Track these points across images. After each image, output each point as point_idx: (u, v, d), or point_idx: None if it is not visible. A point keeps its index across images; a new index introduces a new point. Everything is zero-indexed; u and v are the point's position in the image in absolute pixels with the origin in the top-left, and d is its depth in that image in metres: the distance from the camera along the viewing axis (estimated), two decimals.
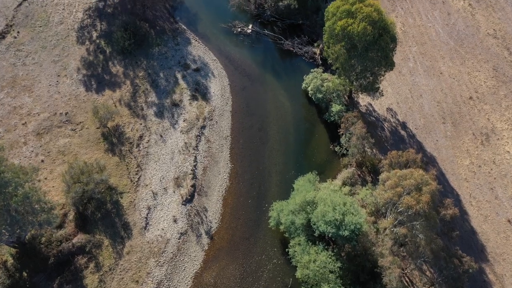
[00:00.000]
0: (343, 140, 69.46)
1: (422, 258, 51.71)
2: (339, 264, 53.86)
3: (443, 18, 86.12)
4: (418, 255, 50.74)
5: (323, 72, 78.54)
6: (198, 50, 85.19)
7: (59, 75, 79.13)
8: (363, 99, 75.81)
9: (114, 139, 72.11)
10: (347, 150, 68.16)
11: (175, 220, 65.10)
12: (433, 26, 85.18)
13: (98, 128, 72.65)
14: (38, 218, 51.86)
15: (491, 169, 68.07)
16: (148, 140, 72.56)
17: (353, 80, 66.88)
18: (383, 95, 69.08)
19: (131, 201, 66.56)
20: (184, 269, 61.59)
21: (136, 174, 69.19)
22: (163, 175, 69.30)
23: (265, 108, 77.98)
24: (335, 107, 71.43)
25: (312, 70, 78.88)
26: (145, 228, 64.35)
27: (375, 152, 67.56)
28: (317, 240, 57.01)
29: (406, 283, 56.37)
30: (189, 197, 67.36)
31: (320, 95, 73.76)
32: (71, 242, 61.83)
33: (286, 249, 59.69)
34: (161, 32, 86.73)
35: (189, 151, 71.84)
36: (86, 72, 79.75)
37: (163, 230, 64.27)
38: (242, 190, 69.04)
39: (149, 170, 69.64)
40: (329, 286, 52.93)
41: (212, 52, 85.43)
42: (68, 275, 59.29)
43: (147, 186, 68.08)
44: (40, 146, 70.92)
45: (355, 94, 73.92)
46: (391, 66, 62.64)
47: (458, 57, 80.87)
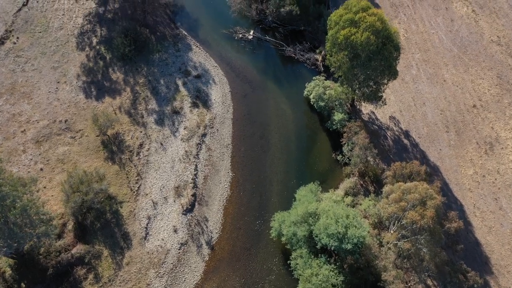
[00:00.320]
0: (345, 149, 68.71)
1: (426, 273, 50.92)
2: (341, 277, 53.07)
3: (446, 25, 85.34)
4: (422, 269, 49.95)
5: (325, 79, 77.77)
6: (199, 56, 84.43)
7: (58, 82, 78.39)
8: (366, 107, 75.01)
9: (114, 147, 71.37)
10: (350, 159, 67.40)
11: (175, 230, 64.34)
12: (436, 32, 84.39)
13: (97, 136, 71.88)
14: (36, 231, 51.09)
15: (495, 179, 67.27)
16: (148, 148, 71.81)
17: (355, 89, 66.10)
18: (386, 103, 68.32)
19: (131, 210, 65.80)
20: (184, 280, 60.82)
21: (136, 183, 68.43)
22: (164, 184, 68.54)
23: (266, 115, 77.20)
24: (337, 116, 70.64)
25: (314, 77, 78.13)
26: (145, 238, 63.59)
27: (377, 161, 66.72)
28: (319, 252, 56.22)
29: None
30: (189, 206, 66.59)
31: (322, 103, 72.97)
32: (70, 252, 61.11)
33: (288, 261, 58.96)
34: (161, 38, 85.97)
35: (189, 159, 71.08)
36: (86, 78, 79.00)
37: (163, 240, 63.51)
38: (243, 199, 68.26)
39: (149, 179, 68.87)
40: None
41: (213, 58, 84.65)
42: (67, 287, 58.54)
43: (147, 195, 67.32)
44: (39, 154, 70.17)
45: (357, 102, 73.13)
46: (394, 75, 61.87)
47: (461, 64, 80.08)
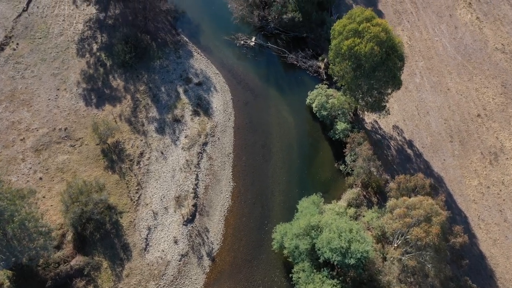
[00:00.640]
0: (348, 159, 67.88)
1: None
2: None
3: (450, 32, 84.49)
4: (427, 285, 49.08)
5: (328, 87, 76.94)
6: (200, 63, 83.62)
7: (58, 89, 77.62)
8: (369, 116, 74.14)
9: (114, 156, 70.58)
10: (352, 169, 66.57)
11: (175, 241, 63.52)
12: (440, 40, 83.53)
13: (97, 145, 71.09)
14: (34, 244, 50.34)
15: (500, 190, 66.43)
16: (149, 157, 71.01)
17: (358, 98, 65.28)
18: (389, 113, 67.47)
19: (131, 221, 65.01)
20: None
21: (136, 192, 67.64)
22: (164, 193, 67.73)
23: (268, 124, 76.38)
24: (340, 125, 69.81)
25: (316, 86, 77.28)
26: (145, 249, 62.78)
27: (381, 172, 65.86)
28: (322, 266, 55.37)
29: None
30: (190, 217, 65.79)
31: (324, 112, 72.13)
32: (69, 264, 60.30)
33: (290, 274, 58.11)
34: (162, 44, 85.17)
35: (190, 168, 70.27)
36: (86, 86, 78.22)
37: (163, 251, 62.70)
38: (244, 210, 67.45)
39: (149, 188, 68.08)
40: None
41: (214, 65, 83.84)
42: None
43: (147, 205, 66.52)
44: (39, 163, 69.41)
45: (360, 111, 72.28)
46: (398, 85, 61.08)
47: (465, 72, 79.22)
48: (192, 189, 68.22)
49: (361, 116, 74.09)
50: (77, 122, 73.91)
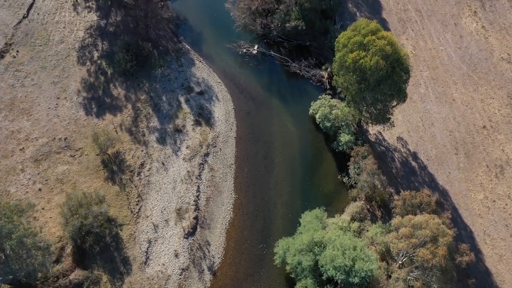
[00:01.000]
0: (351, 171, 66.90)
1: None
2: None
3: (455, 41, 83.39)
4: None
5: (331, 97, 75.90)
6: (202, 71, 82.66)
7: (58, 98, 76.72)
8: (373, 128, 73.05)
9: (114, 167, 69.66)
10: (356, 182, 65.58)
11: (176, 255, 62.59)
12: (445, 49, 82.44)
13: (98, 155, 70.16)
14: (33, 261, 49.47)
15: (506, 204, 65.36)
16: (150, 168, 70.09)
17: (362, 110, 64.29)
18: (394, 125, 66.39)
19: (131, 233, 64.10)
20: None
21: (137, 204, 66.73)
22: (165, 205, 66.81)
23: (270, 134, 75.39)
24: (344, 137, 68.79)
25: (320, 96, 76.23)
26: (145, 263, 61.87)
27: (385, 185, 64.76)
28: (325, 283, 54.38)
29: None
30: (191, 230, 64.86)
31: (328, 123, 71.12)
32: (68, 278, 59.46)
33: None
34: (164, 52, 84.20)
35: (191, 180, 69.33)
36: (87, 94, 77.32)
37: (163, 265, 61.77)
38: (246, 222, 66.50)
39: (150, 200, 67.16)
40: None
41: (216, 73, 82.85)
42: None
43: (147, 217, 65.60)
44: (38, 174, 68.52)
45: (364, 123, 71.24)
46: (404, 98, 60.07)
47: (471, 83, 78.14)
48: (193, 201, 67.30)
49: (365, 127, 73.05)
50: (77, 131, 73.03)
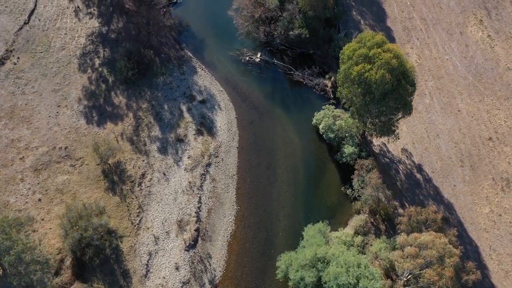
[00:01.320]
0: (355, 183, 65.97)
1: None
2: None
3: (460, 50, 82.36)
4: None
5: (335, 107, 75.00)
6: (205, 80, 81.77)
7: (59, 106, 75.93)
8: (377, 139, 72.07)
9: (115, 177, 68.81)
10: (360, 196, 64.63)
11: (177, 268, 61.70)
12: (450, 58, 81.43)
13: (98, 165, 69.32)
14: (32, 276, 48.67)
15: None
16: (151, 179, 69.23)
17: (367, 122, 63.36)
18: (399, 138, 65.43)
19: (131, 245, 63.24)
20: None
21: (137, 215, 65.87)
22: (166, 217, 65.94)
23: (273, 144, 74.46)
24: (348, 149, 67.85)
25: (323, 106, 75.27)
26: (145, 276, 61.00)
27: (389, 198, 63.74)
28: None
29: None
30: (192, 242, 63.97)
31: (332, 134, 70.19)
32: None
33: None
34: (166, 60, 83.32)
35: (193, 191, 68.45)
36: (88, 103, 76.49)
37: (164, 278, 60.89)
38: (248, 235, 65.58)
39: (151, 211, 66.30)
40: None
41: (218, 82, 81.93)
42: None
43: (148, 229, 64.72)
44: (38, 183, 67.72)
45: (368, 134, 70.27)
46: (409, 112, 59.13)
47: (476, 93, 77.12)
48: (195, 212, 66.42)
49: (369, 138, 72.08)
50: (77, 140, 72.19)
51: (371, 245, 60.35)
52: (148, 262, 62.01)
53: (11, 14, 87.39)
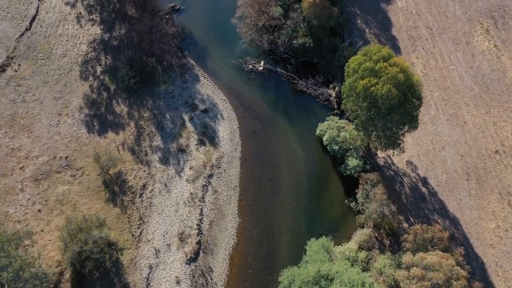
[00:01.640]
0: (359, 197, 64.94)
1: None
2: None
3: (467, 60, 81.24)
4: None
5: (339, 118, 73.99)
6: (207, 88, 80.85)
7: (60, 114, 75.13)
8: (382, 152, 70.97)
9: (115, 188, 67.95)
10: (364, 210, 63.59)
11: (178, 282, 60.80)
12: (456, 69, 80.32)
13: (99, 175, 68.49)
14: None
15: None
16: (152, 190, 68.35)
17: (372, 135, 62.33)
18: (404, 151, 64.37)
19: (131, 258, 62.37)
20: None
21: (138, 227, 65.00)
22: (167, 229, 65.04)
23: (276, 155, 73.49)
24: (352, 161, 66.82)
25: (327, 117, 74.28)
26: None
27: (394, 213, 62.65)
28: None
29: None
30: (193, 255, 63.06)
31: (336, 146, 69.18)
32: None
33: None
34: (168, 68, 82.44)
35: (194, 203, 67.54)
36: (89, 111, 75.67)
37: None
38: (250, 248, 64.64)
39: (152, 223, 65.41)
40: None
41: (221, 90, 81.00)
42: None
43: (149, 241, 63.83)
44: (38, 194, 66.93)
45: (373, 146, 69.21)
46: (415, 126, 58.10)
47: (483, 104, 76.02)
48: (196, 225, 65.51)
49: (373, 150, 71.02)
50: (78, 150, 71.37)
51: (375, 260, 59.31)
52: (148, 275, 61.14)
53: (12, 20, 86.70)
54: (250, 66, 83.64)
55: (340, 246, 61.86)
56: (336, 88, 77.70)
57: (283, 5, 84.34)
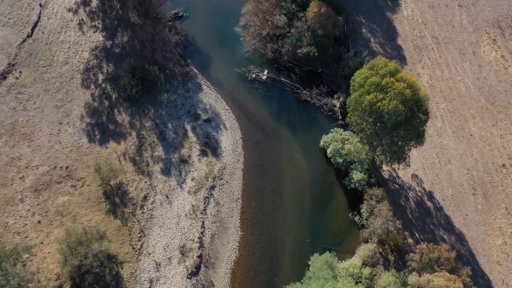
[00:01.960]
0: (364, 212, 63.94)
1: None
2: None
3: (473, 71, 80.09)
4: None
5: (343, 130, 72.94)
6: (210, 97, 79.88)
7: (61, 123, 74.26)
8: (387, 165, 69.84)
9: (116, 199, 67.06)
10: (368, 225, 62.56)
11: None
12: (462, 80, 79.19)
13: (100, 186, 67.59)
14: None
15: None
16: (153, 201, 67.43)
17: (377, 150, 61.29)
18: (409, 165, 63.28)
19: (132, 272, 61.45)
20: None
21: (139, 240, 64.09)
22: (168, 242, 64.11)
23: (279, 166, 72.48)
24: (357, 175, 65.77)
25: (331, 129, 73.19)
26: None
27: (399, 229, 61.59)
28: None
29: None
30: (194, 269, 62.09)
31: (340, 159, 68.12)
32: None
33: None
34: (171, 76, 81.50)
35: (196, 215, 66.59)
36: (90, 120, 74.79)
37: None
38: (252, 262, 63.66)
39: (152, 236, 64.49)
40: None
41: (224, 100, 79.99)
42: None
43: (149, 254, 62.91)
44: (38, 205, 66.06)
45: (377, 159, 68.18)
46: (422, 142, 57.03)
47: (489, 116, 74.88)
48: (198, 238, 64.53)
49: (378, 163, 69.95)
50: (79, 160, 70.50)
51: (380, 277, 58.27)
52: None
53: (14, 26, 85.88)
54: (254, 75, 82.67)
55: (343, 262, 60.83)
56: (341, 99, 76.69)
57: (287, 13, 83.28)
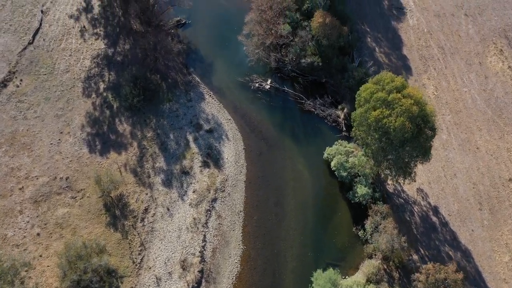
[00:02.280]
0: (368, 227, 62.85)
1: None
2: None
3: (480, 82, 78.94)
4: None
5: (348, 142, 71.85)
6: (212, 107, 78.87)
7: (61, 132, 73.35)
8: (392, 181, 68.70)
9: (117, 211, 66.10)
10: (373, 241, 61.47)
11: None
12: (469, 91, 78.02)
13: (100, 197, 66.62)
14: None
15: None
16: (154, 214, 66.43)
17: (382, 166, 60.20)
18: (415, 180, 62.19)
19: (132, 287, 60.41)
20: None
21: (139, 254, 63.09)
22: (169, 256, 63.10)
23: (282, 178, 71.43)
24: (361, 189, 64.68)
25: (335, 142, 72.09)
26: None
27: (404, 247, 60.47)
28: None
29: None
30: (195, 284, 61.05)
31: (344, 173, 67.05)
32: None
33: None
34: (173, 85, 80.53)
35: (197, 228, 65.58)
36: (91, 130, 73.86)
37: None
38: (254, 277, 62.59)
39: (153, 249, 63.49)
40: None
41: (226, 110, 78.95)
42: None
43: (150, 269, 61.91)
44: (37, 216, 65.13)
45: (382, 174, 67.08)
46: (429, 159, 55.94)
47: (496, 129, 73.71)
48: (199, 252, 63.50)
49: (382, 176, 68.83)
50: (79, 171, 69.54)
51: None
52: None
53: (15, 33, 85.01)
54: (257, 85, 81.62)
55: (347, 278, 59.83)
56: (345, 110, 75.64)
57: (291, 22, 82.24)
